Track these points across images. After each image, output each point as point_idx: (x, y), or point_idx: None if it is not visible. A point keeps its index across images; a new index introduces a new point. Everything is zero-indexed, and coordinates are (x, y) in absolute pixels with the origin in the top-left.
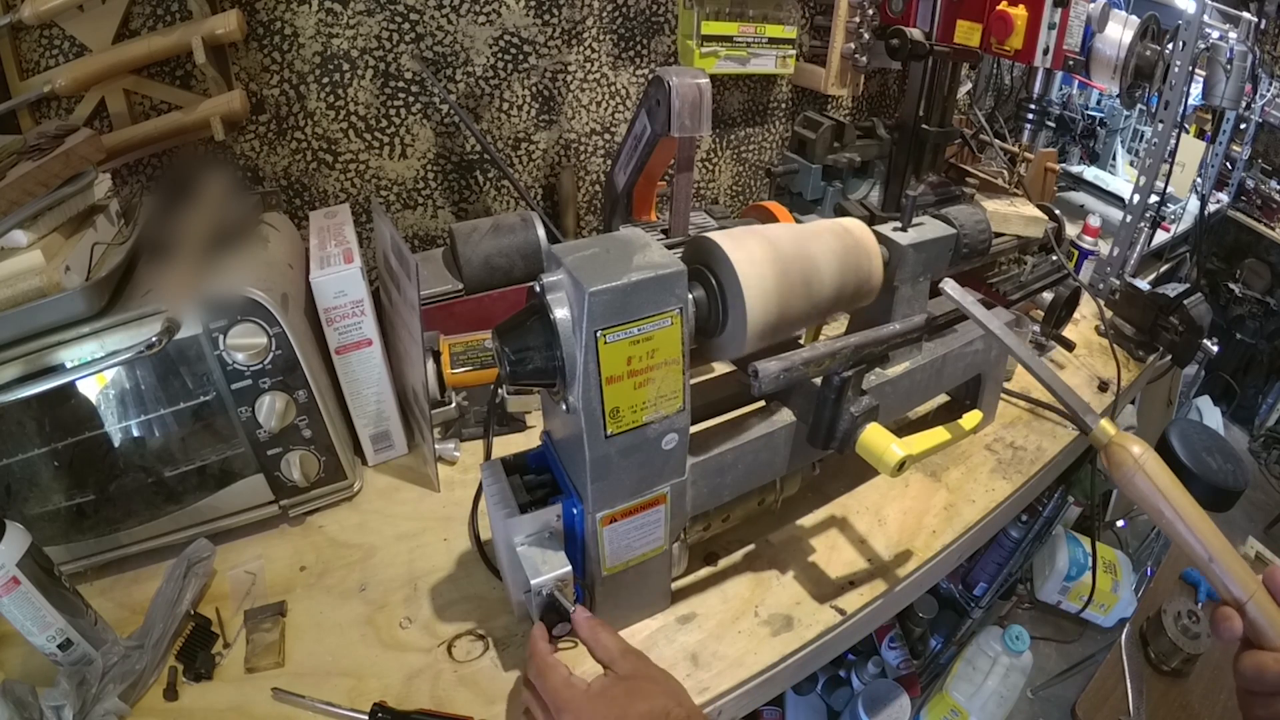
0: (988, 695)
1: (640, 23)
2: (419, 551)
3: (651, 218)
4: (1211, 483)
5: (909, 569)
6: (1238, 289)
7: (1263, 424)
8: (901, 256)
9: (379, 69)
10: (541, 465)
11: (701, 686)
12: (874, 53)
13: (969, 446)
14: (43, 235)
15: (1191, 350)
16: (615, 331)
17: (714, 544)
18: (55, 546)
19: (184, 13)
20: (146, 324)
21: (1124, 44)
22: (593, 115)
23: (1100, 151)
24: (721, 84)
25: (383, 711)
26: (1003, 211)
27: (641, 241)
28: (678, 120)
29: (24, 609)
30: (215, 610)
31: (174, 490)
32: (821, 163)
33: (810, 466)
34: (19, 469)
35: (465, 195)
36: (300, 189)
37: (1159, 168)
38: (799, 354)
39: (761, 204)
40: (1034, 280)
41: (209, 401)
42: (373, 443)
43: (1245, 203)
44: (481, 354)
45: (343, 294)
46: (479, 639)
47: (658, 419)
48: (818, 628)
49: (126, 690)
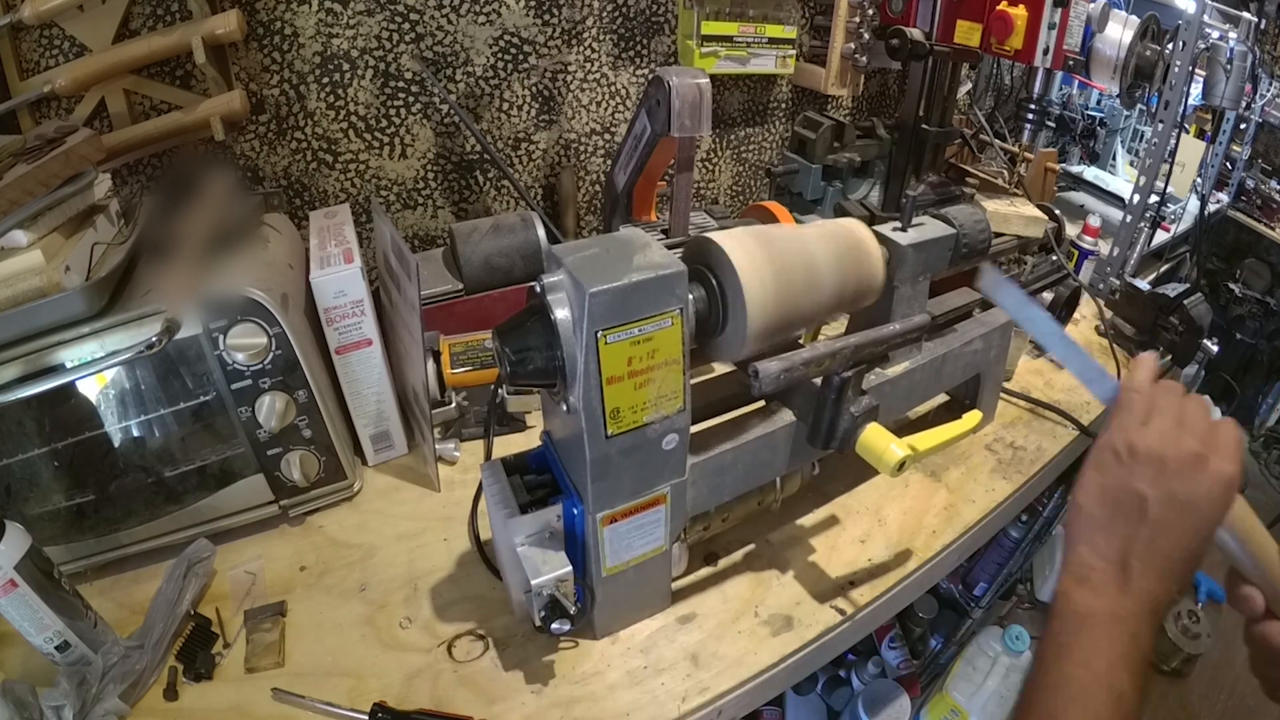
0: (988, 695)
1: (640, 23)
2: (419, 551)
3: (651, 218)
4: None
5: (909, 569)
6: (1238, 289)
7: (1263, 424)
8: (901, 256)
9: (379, 69)
10: (541, 465)
11: (701, 686)
12: (874, 53)
13: (969, 446)
14: (43, 235)
15: (1191, 350)
16: (616, 332)
17: (714, 544)
18: (55, 546)
19: (184, 13)
20: (146, 324)
21: (1124, 44)
22: (593, 115)
23: (1100, 151)
24: (721, 84)
25: (383, 711)
26: (1003, 211)
27: (641, 241)
28: (678, 120)
29: (22, 611)
30: (215, 610)
31: (174, 490)
32: (821, 163)
33: (810, 466)
34: (19, 469)
35: (465, 195)
36: (300, 189)
37: (1159, 168)
38: (799, 354)
39: (761, 204)
40: (1034, 280)
41: (209, 401)
42: (373, 443)
43: (1245, 203)
44: (481, 354)
45: (343, 294)
46: (479, 639)
47: (658, 419)
48: (818, 628)
49: (126, 690)
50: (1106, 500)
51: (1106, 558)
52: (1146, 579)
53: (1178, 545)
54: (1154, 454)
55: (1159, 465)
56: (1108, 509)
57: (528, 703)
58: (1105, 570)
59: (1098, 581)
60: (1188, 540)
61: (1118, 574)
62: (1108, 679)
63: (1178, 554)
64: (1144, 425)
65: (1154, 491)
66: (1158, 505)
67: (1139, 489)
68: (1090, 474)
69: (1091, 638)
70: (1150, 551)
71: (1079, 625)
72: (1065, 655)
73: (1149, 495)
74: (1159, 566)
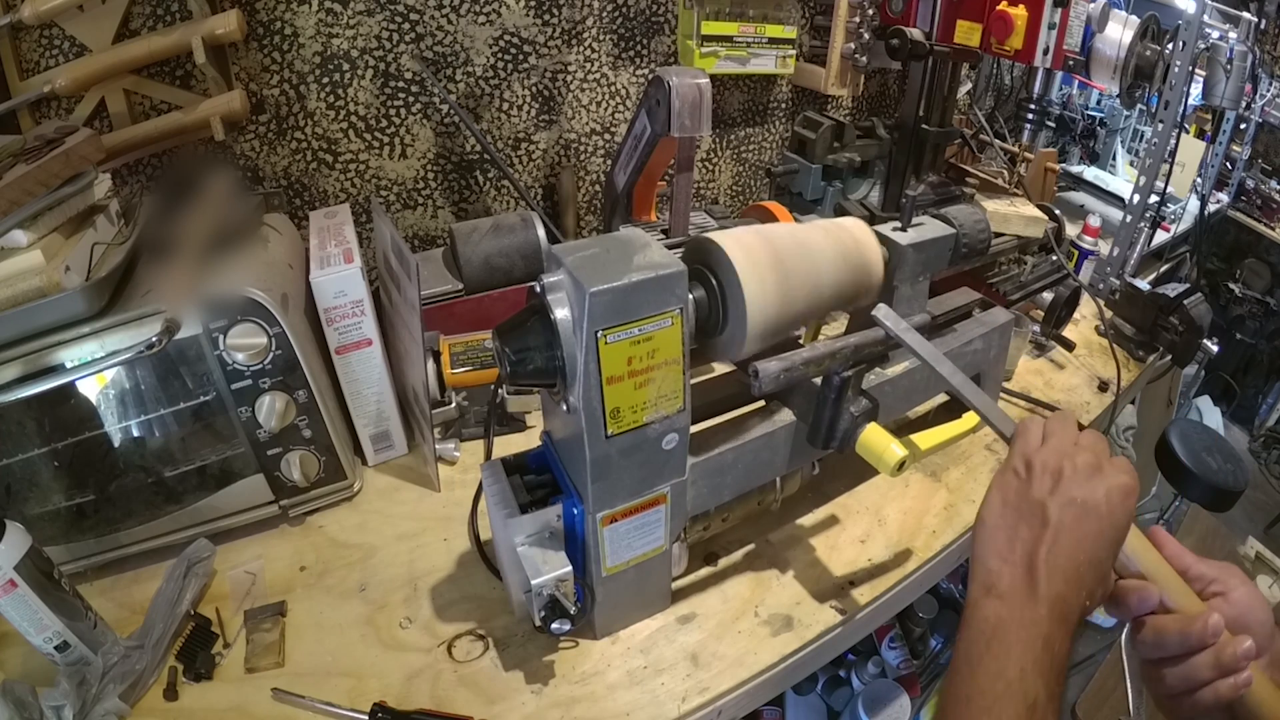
0: None
1: (640, 23)
2: (419, 551)
3: (651, 218)
4: (1211, 483)
5: (909, 569)
6: (1238, 289)
7: (1263, 424)
8: (901, 256)
9: (379, 69)
10: (541, 465)
11: (701, 686)
12: (874, 53)
13: (969, 446)
14: (43, 235)
15: (1191, 350)
16: (616, 332)
17: (714, 544)
18: (55, 546)
19: (184, 13)
20: (146, 324)
21: (1124, 44)
22: (593, 115)
23: (1100, 151)
24: (721, 84)
25: (383, 711)
26: (1003, 211)
27: (642, 241)
28: (678, 120)
29: (21, 611)
30: (215, 610)
31: (174, 490)
32: (821, 163)
33: (810, 466)
34: (19, 469)
35: (465, 195)
36: (300, 189)
37: (1159, 168)
38: (799, 354)
39: (761, 204)
40: (1034, 280)
41: (209, 401)
42: (373, 443)
43: (1245, 203)
44: (481, 354)
45: (343, 294)
46: (479, 639)
47: (658, 419)
48: (818, 628)
49: (126, 690)
50: (1008, 512)
51: (1012, 562)
52: (1053, 581)
53: (1080, 547)
54: (1050, 466)
55: (1056, 475)
56: (1010, 518)
57: (528, 703)
58: (1012, 574)
59: (1005, 587)
60: (1090, 543)
61: (1025, 576)
62: (1020, 687)
63: (1082, 556)
64: (1042, 445)
65: (1053, 498)
66: (1057, 509)
67: (1038, 497)
68: (992, 494)
69: (1003, 646)
70: (1054, 553)
71: (990, 635)
72: (977, 666)
73: (1048, 502)
74: (1064, 568)
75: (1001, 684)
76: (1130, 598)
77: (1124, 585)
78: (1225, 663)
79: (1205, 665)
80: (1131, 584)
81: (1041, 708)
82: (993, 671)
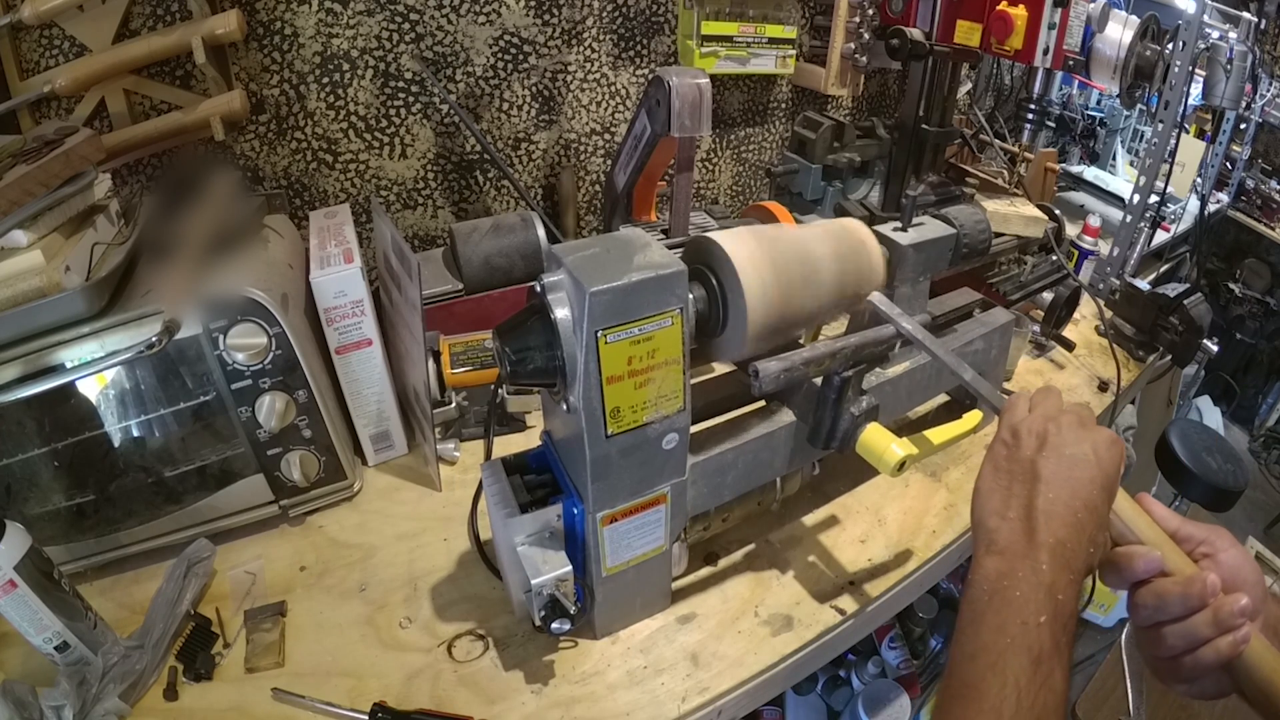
0: None
1: (640, 23)
2: (419, 551)
3: (651, 218)
4: (1211, 483)
5: (909, 569)
6: (1238, 289)
7: (1263, 424)
8: (901, 256)
9: (379, 69)
10: (542, 465)
11: (701, 686)
12: (874, 53)
13: (969, 446)
14: (43, 235)
15: (1191, 350)
16: (616, 331)
17: (714, 544)
18: (55, 546)
19: (184, 13)
20: (146, 324)
21: (1124, 44)
22: (593, 115)
23: (1100, 151)
24: (721, 84)
25: (383, 711)
26: (1003, 211)
27: (642, 241)
28: (678, 120)
29: (21, 611)
30: (215, 610)
31: (174, 490)
32: (821, 163)
33: (810, 466)
34: (19, 469)
35: (465, 195)
36: (300, 189)
37: (1159, 168)
38: (799, 354)
39: (761, 204)
40: (1034, 280)
41: (209, 401)
42: (373, 443)
43: (1245, 203)
44: (481, 354)
45: (343, 294)
46: (479, 639)
47: (658, 419)
48: (818, 628)
49: (126, 690)
50: (1000, 475)
51: (1009, 518)
52: (1052, 526)
53: (1076, 494)
54: (1036, 429)
55: (1042, 436)
56: (1003, 480)
57: (528, 703)
58: (1010, 528)
59: (1004, 542)
60: (1085, 489)
61: (1023, 528)
62: (1023, 640)
63: (1078, 501)
64: (1028, 414)
65: (1042, 455)
66: (1048, 463)
67: (1027, 456)
68: (985, 466)
69: (1005, 599)
70: (1051, 501)
71: (992, 590)
72: (980, 623)
73: (1037, 459)
74: (1062, 515)
75: (1005, 638)
76: (1136, 562)
77: (1124, 551)
78: (1224, 620)
79: (1205, 623)
80: (1134, 549)
81: (1048, 658)
82: (995, 626)
